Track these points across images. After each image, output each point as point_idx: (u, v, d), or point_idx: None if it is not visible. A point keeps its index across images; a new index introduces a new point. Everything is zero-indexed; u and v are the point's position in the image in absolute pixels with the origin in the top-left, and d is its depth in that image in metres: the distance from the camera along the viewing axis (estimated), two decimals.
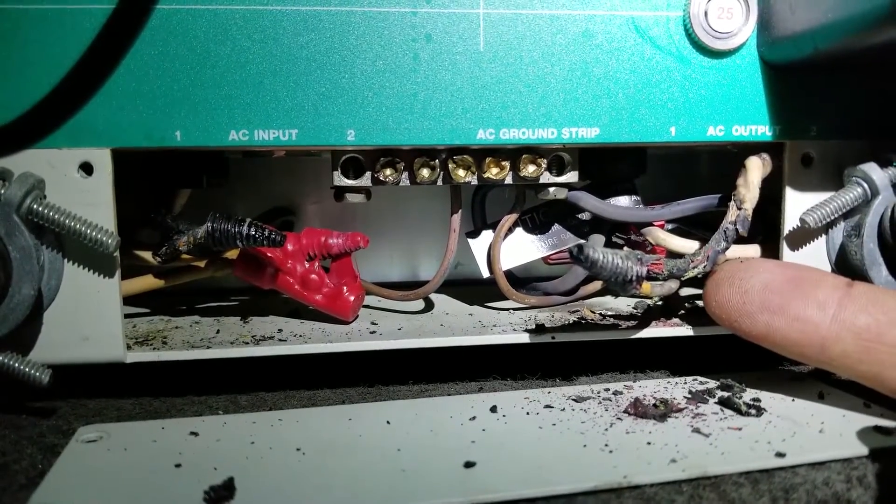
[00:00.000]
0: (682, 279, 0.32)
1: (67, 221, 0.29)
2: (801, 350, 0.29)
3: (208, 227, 0.33)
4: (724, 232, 0.31)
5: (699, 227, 0.40)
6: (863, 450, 0.27)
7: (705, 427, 0.29)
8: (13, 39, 0.29)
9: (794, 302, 0.29)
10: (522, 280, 0.41)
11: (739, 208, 0.32)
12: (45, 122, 0.30)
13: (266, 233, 0.33)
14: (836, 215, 0.33)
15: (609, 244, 0.39)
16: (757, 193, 0.33)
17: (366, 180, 0.34)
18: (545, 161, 0.34)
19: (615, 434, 0.29)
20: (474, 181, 0.34)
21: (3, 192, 0.29)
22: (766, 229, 0.37)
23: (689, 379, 0.35)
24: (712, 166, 0.47)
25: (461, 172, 0.34)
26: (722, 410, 0.31)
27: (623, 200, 0.38)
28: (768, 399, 0.32)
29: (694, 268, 0.31)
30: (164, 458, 0.27)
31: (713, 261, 0.30)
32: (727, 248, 0.31)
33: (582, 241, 0.38)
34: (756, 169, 0.33)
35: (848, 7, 0.27)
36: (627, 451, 0.27)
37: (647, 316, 0.38)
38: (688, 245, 0.36)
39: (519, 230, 0.39)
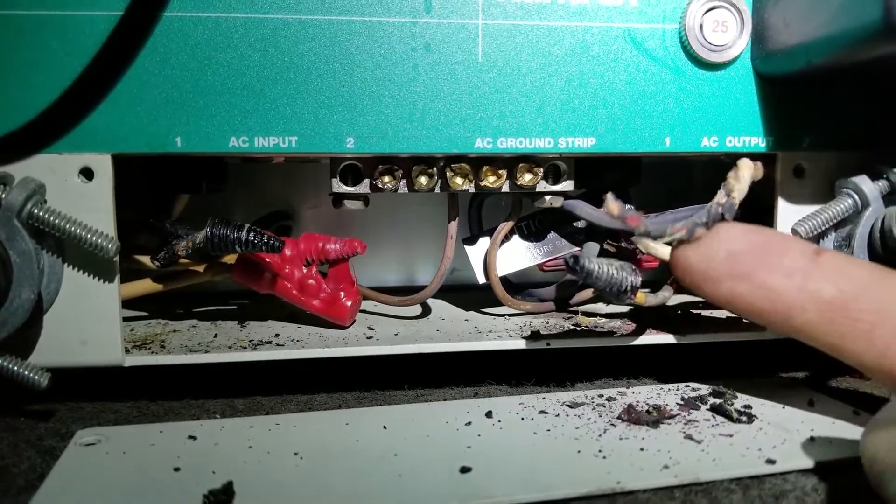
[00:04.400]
0: (654, 239, 0.30)
1: (68, 226, 0.30)
2: (766, 317, 0.28)
3: (207, 232, 0.33)
4: (709, 210, 0.31)
5: None
6: (852, 456, 0.27)
7: (697, 433, 0.30)
8: (17, 46, 0.30)
9: (759, 270, 0.28)
10: (518, 286, 0.42)
11: (728, 195, 0.32)
12: (50, 129, 0.30)
13: (264, 238, 0.33)
14: (827, 226, 0.33)
15: (601, 252, 0.39)
16: (746, 188, 0.32)
17: (364, 187, 0.35)
18: (541, 170, 0.35)
19: (609, 440, 0.29)
20: (471, 189, 0.35)
21: (4, 196, 0.29)
22: None
23: (681, 386, 0.35)
24: (705, 176, 0.48)
25: (459, 180, 0.34)
26: (714, 417, 0.31)
27: None
28: (759, 406, 0.32)
29: (671, 234, 0.30)
30: (162, 462, 0.27)
31: (691, 233, 0.30)
32: (707, 227, 0.30)
33: (577, 251, 0.39)
34: (747, 168, 0.33)
35: (840, 22, 0.28)
36: (621, 456, 0.28)
37: (641, 323, 0.38)
38: None
39: (515, 237, 0.40)
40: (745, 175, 0.32)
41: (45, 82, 0.30)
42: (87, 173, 0.31)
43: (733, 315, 0.40)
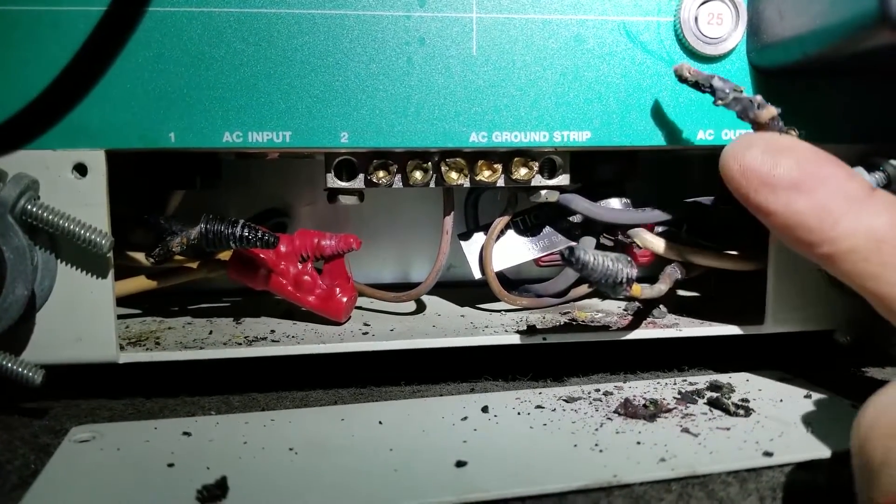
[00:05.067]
0: (723, 98, 0.31)
1: (61, 222, 0.29)
2: (810, 236, 0.28)
3: (202, 229, 0.33)
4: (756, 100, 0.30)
5: (688, 230, 0.40)
6: (849, 449, 0.27)
7: (694, 427, 0.30)
8: (7, 40, 0.29)
9: (823, 188, 0.28)
10: (514, 282, 0.42)
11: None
12: (36, 122, 0.30)
13: (259, 234, 0.33)
14: None
15: (597, 246, 0.39)
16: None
17: (359, 182, 0.34)
18: (537, 164, 0.35)
19: (605, 434, 0.29)
20: (467, 184, 0.35)
21: None
22: (755, 233, 0.38)
23: (678, 379, 0.35)
24: (701, 169, 0.48)
25: (454, 175, 0.34)
26: (711, 410, 0.31)
27: (614, 203, 0.38)
28: (756, 399, 0.32)
29: (734, 92, 0.29)
30: (156, 458, 0.27)
31: (763, 104, 0.29)
32: (777, 117, 0.30)
33: (573, 244, 0.39)
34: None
35: (836, 13, 0.28)
36: (617, 450, 0.28)
37: (638, 317, 0.38)
38: (675, 248, 0.36)
39: (511, 232, 0.39)
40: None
41: (34, 77, 0.29)
42: (81, 169, 0.30)
43: (729, 309, 0.40)
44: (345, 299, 0.37)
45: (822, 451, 0.27)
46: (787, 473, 0.26)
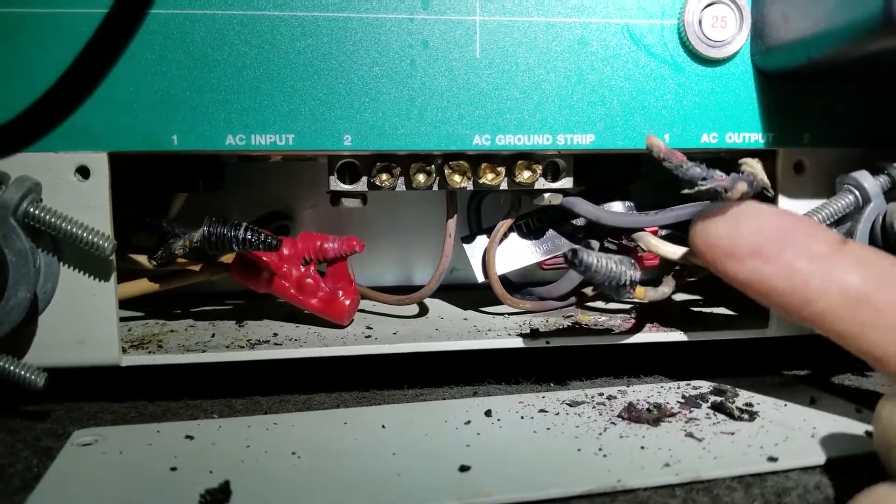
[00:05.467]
0: (692, 186, 0.30)
1: (64, 225, 0.29)
2: (785, 301, 0.28)
3: (204, 231, 0.33)
4: (748, 176, 0.30)
5: None
6: (854, 454, 0.27)
7: (698, 431, 0.29)
8: (9, 42, 0.29)
9: (786, 251, 0.27)
10: (517, 285, 0.42)
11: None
12: (39, 125, 0.30)
13: (262, 237, 0.33)
14: (829, 222, 0.33)
15: (601, 250, 0.39)
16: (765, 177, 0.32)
17: (362, 185, 0.34)
18: (540, 167, 0.35)
19: (609, 438, 0.29)
20: (470, 186, 0.35)
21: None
22: None
23: (682, 384, 0.35)
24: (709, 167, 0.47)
25: (457, 178, 0.34)
26: (715, 415, 0.31)
27: (617, 206, 0.38)
28: (761, 404, 0.32)
29: (713, 180, 0.29)
30: (159, 462, 0.27)
31: (731, 187, 0.29)
32: (748, 190, 0.30)
33: (576, 246, 0.39)
34: (756, 162, 0.33)
35: (840, 16, 0.27)
36: (621, 455, 0.27)
37: (641, 321, 0.38)
38: (679, 251, 0.36)
39: (514, 235, 0.39)
40: (757, 166, 0.31)
41: (36, 80, 0.29)
42: (84, 172, 0.30)
43: (734, 313, 0.40)
44: (348, 302, 0.37)
45: (828, 456, 0.27)
46: (792, 478, 0.26)
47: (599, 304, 0.42)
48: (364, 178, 0.34)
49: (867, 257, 0.27)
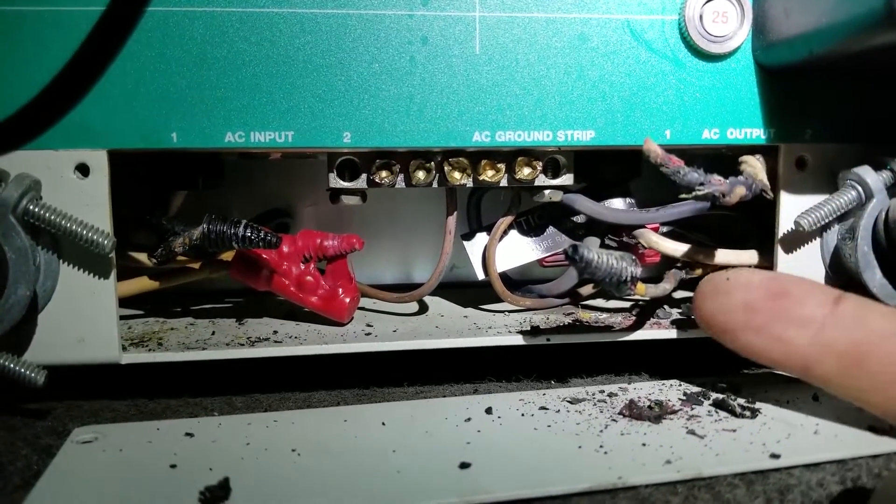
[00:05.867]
0: (689, 191, 0.30)
1: (63, 222, 0.29)
2: (785, 369, 0.29)
3: (204, 229, 0.33)
4: (747, 179, 0.30)
5: (693, 230, 0.40)
6: (857, 451, 0.27)
7: (700, 428, 0.29)
8: (8, 39, 0.29)
9: (775, 322, 0.28)
10: (517, 282, 0.42)
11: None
12: (38, 122, 0.30)
13: (262, 234, 0.33)
14: (831, 218, 0.33)
15: (601, 247, 0.39)
16: (765, 177, 0.32)
17: (361, 182, 0.34)
18: (540, 164, 0.34)
19: (610, 435, 0.29)
20: (470, 183, 0.34)
21: None
22: (760, 232, 0.37)
23: (683, 381, 0.35)
24: (706, 170, 0.47)
25: (457, 175, 0.34)
26: (716, 412, 0.31)
27: (618, 203, 0.38)
28: (763, 401, 0.32)
29: (711, 185, 0.29)
30: (159, 459, 0.27)
31: (729, 191, 0.29)
32: (747, 193, 0.29)
33: (577, 242, 0.39)
34: (756, 159, 0.33)
35: (842, 11, 0.27)
36: (622, 452, 0.27)
37: (642, 318, 0.38)
38: (680, 248, 0.36)
39: (514, 232, 0.39)
40: (757, 165, 0.31)
41: (35, 77, 0.29)
42: (83, 169, 0.30)
43: None
44: (348, 300, 0.37)
45: (830, 453, 0.27)
46: (795, 475, 0.26)
47: (600, 301, 0.42)
48: (364, 176, 0.34)
49: (861, 316, 0.27)
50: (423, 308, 0.42)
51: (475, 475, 0.26)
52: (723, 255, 0.36)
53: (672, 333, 0.36)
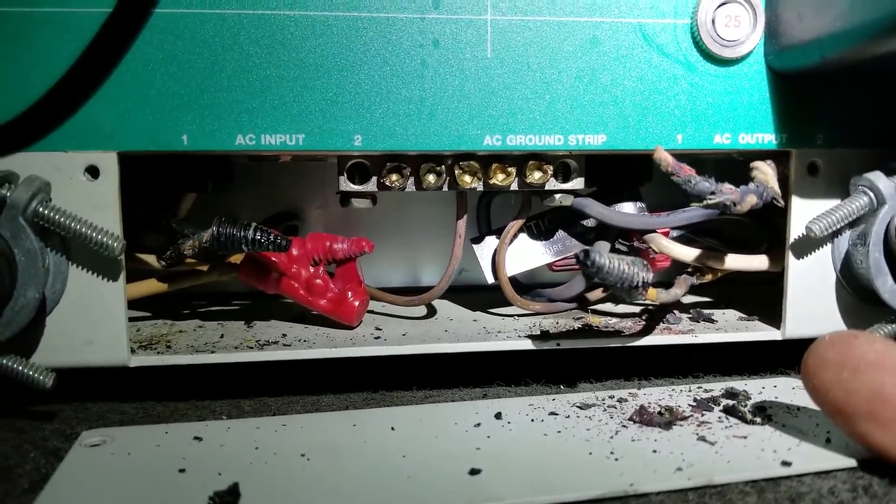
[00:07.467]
0: (700, 200, 0.30)
1: (73, 225, 0.29)
2: None
3: (213, 232, 0.33)
4: (759, 187, 0.30)
5: (704, 234, 0.40)
6: (868, 458, 0.27)
7: (711, 435, 0.29)
8: (18, 41, 0.29)
9: None
10: (527, 286, 0.41)
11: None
12: (47, 123, 0.30)
13: (271, 237, 0.33)
14: (842, 224, 0.33)
15: (612, 251, 0.39)
16: (776, 184, 0.32)
17: (372, 186, 0.34)
18: (551, 168, 0.34)
19: (620, 442, 0.29)
20: (480, 187, 0.34)
21: (8, 195, 0.29)
22: (771, 238, 0.37)
23: (693, 387, 0.35)
24: (717, 174, 0.47)
25: (467, 178, 0.34)
26: (727, 418, 0.31)
27: (629, 207, 0.38)
28: (774, 407, 0.32)
29: (722, 194, 0.29)
30: (167, 463, 0.27)
31: (740, 200, 0.29)
32: (758, 202, 0.29)
33: (587, 247, 0.39)
34: (767, 166, 0.33)
35: (855, 16, 0.27)
36: (633, 458, 0.27)
37: (652, 323, 0.38)
38: (691, 253, 0.36)
39: (524, 236, 0.39)
40: (769, 171, 0.31)
41: (45, 78, 0.29)
42: (93, 171, 0.30)
43: (747, 315, 0.39)
44: (357, 303, 0.37)
45: (841, 461, 0.27)
46: (806, 483, 0.26)
47: (610, 305, 0.42)
48: (374, 179, 0.34)
49: None
50: (432, 311, 0.42)
51: (485, 481, 0.26)
52: (733, 261, 0.36)
53: (682, 339, 0.36)
